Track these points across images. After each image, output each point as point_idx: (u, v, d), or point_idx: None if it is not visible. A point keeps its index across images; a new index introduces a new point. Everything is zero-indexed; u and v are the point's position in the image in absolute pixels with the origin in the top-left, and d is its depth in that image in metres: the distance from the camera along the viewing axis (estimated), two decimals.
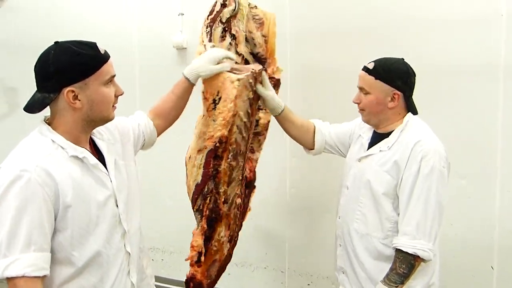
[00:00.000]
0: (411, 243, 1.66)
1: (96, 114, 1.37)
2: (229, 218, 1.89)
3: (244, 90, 1.72)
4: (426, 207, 1.66)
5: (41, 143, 1.32)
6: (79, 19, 3.36)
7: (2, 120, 3.81)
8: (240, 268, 3.01)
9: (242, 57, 2.03)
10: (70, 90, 1.31)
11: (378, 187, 1.76)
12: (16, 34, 3.69)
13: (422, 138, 1.72)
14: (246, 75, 1.72)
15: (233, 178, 1.83)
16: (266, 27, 2.06)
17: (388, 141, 1.79)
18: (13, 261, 1.21)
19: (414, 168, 1.68)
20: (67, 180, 1.30)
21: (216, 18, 1.94)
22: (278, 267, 2.92)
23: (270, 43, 2.08)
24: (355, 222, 1.83)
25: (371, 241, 1.79)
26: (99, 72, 1.34)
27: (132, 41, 3.20)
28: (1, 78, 3.77)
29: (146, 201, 3.26)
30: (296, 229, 2.81)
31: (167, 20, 3.03)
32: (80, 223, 1.32)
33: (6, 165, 1.28)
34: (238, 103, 1.72)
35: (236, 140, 1.78)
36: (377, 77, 1.76)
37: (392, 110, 1.79)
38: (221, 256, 1.95)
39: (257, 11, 2.07)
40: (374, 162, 1.80)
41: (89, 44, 1.36)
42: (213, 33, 1.92)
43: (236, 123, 1.74)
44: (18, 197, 1.22)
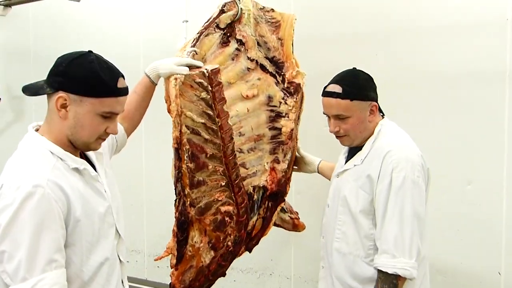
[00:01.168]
0: (391, 262, 1.57)
1: (78, 136, 1.31)
2: (203, 223, 1.82)
3: (188, 90, 1.67)
4: (402, 221, 1.57)
5: (41, 155, 1.28)
6: (85, 26, 3.40)
7: (8, 128, 3.84)
8: (246, 274, 3.00)
9: (256, 63, 1.99)
10: (62, 97, 1.27)
11: (355, 204, 1.69)
12: (23, 42, 3.73)
13: (392, 148, 1.64)
14: (189, 74, 1.66)
15: (198, 181, 1.75)
16: (283, 29, 2.01)
17: (362, 153, 1.72)
18: (36, 283, 1.16)
19: (386, 180, 1.60)
20: (76, 194, 1.27)
21: (211, 24, 1.89)
22: (284, 273, 2.90)
23: (286, 46, 2.02)
24: (335, 241, 1.75)
25: (354, 261, 1.70)
26: (100, 100, 1.28)
27: (137, 47, 3.21)
28: (7, 86, 3.80)
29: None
30: (302, 236, 2.79)
31: (172, 27, 3.04)
32: (87, 236, 1.30)
33: (11, 182, 1.21)
34: (183, 103, 1.66)
35: (191, 141, 1.71)
36: (353, 98, 1.68)
37: (372, 122, 1.74)
38: (198, 262, 1.87)
39: (274, 14, 2.03)
40: (350, 177, 1.73)
41: (114, 71, 1.33)
42: (203, 39, 1.87)
43: (184, 123, 1.68)
44: (34, 215, 1.17)
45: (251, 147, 1.99)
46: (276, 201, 2.09)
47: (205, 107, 1.71)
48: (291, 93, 2.04)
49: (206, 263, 1.87)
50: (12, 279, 1.17)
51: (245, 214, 1.92)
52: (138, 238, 3.31)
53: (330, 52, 2.58)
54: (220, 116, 1.75)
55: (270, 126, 2.03)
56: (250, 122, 1.98)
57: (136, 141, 3.22)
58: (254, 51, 1.98)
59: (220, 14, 1.91)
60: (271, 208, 2.08)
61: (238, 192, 1.87)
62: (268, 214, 2.07)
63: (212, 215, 1.82)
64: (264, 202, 2.05)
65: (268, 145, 2.04)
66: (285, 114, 2.03)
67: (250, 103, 1.97)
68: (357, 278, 1.70)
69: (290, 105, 2.03)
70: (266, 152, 2.04)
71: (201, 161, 1.74)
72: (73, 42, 3.32)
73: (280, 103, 2.03)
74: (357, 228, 1.69)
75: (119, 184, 2.40)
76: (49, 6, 3.53)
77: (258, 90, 1.99)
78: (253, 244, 2.11)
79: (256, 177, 2.02)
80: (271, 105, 2.02)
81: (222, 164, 1.79)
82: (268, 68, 2.02)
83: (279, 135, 2.04)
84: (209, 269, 1.90)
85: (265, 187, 2.03)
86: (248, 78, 1.98)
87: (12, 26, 3.78)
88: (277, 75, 2.04)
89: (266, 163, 2.03)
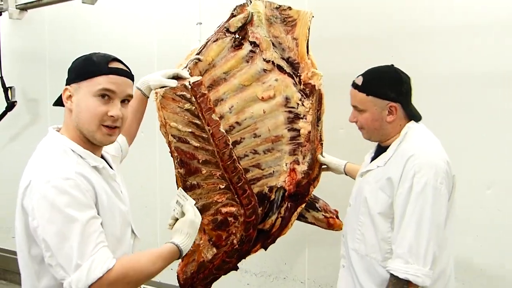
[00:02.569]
0: (403, 268, 1.54)
1: (81, 123, 1.32)
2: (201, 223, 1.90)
3: (170, 102, 1.77)
4: (419, 228, 1.54)
5: (63, 152, 1.30)
6: (100, 30, 3.42)
7: (25, 130, 3.88)
8: (259, 278, 2.98)
9: (273, 64, 1.98)
10: (67, 89, 1.34)
11: (374, 206, 1.66)
12: (38, 45, 3.77)
13: (416, 152, 1.59)
14: (168, 88, 1.76)
15: (192, 185, 1.86)
16: (297, 29, 2.00)
17: (385, 155, 1.69)
18: (90, 266, 1.17)
19: (406, 185, 1.56)
20: (100, 188, 1.30)
21: (220, 30, 1.92)
22: (298, 277, 2.88)
23: (300, 46, 1.99)
24: (355, 242, 1.74)
25: (371, 263, 1.68)
26: (92, 80, 1.31)
27: (151, 50, 3.23)
28: (23, 89, 3.84)
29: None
30: (316, 239, 2.77)
31: (186, 29, 3.05)
32: (111, 229, 1.32)
33: (39, 178, 1.22)
34: (166, 115, 1.78)
35: (179, 149, 1.82)
36: (369, 93, 1.65)
37: (391, 123, 1.68)
38: (199, 257, 1.99)
39: (291, 13, 2.00)
40: (371, 178, 1.71)
41: (107, 55, 1.37)
42: (210, 45, 1.91)
43: (170, 133, 1.80)
44: (71, 204, 1.19)
45: (267, 148, 1.99)
46: (296, 202, 2.07)
47: (191, 117, 1.80)
48: (307, 95, 2.01)
49: (208, 259, 1.97)
50: (66, 270, 1.18)
51: (253, 214, 1.93)
52: (152, 241, 3.31)
53: (343, 54, 2.56)
54: (210, 125, 1.82)
55: (288, 127, 2.02)
56: (267, 123, 1.98)
57: (150, 144, 3.24)
58: (270, 52, 1.97)
59: (230, 18, 1.93)
60: (290, 208, 2.07)
61: (243, 194, 1.90)
62: (287, 214, 2.07)
63: (211, 216, 1.91)
64: (285, 202, 2.06)
65: (287, 146, 2.03)
66: (302, 116, 2.01)
67: (267, 104, 1.97)
68: (374, 280, 1.68)
69: (307, 106, 2.01)
70: (286, 153, 2.03)
71: (192, 166, 1.85)
72: (88, 45, 3.34)
73: (298, 105, 2.01)
74: (375, 231, 1.67)
75: (134, 186, 2.42)
76: (65, 10, 3.57)
77: (275, 91, 1.98)
78: (269, 242, 2.12)
79: (273, 178, 2.02)
80: (289, 106, 2.01)
81: (219, 168, 1.86)
82: (285, 68, 2.00)
83: (298, 137, 2.02)
84: (212, 264, 1.99)
85: (284, 187, 2.02)
86: (264, 79, 1.97)
87: (28, 30, 3.83)
88: (294, 76, 2.02)
89: (285, 164, 2.02)
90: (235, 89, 1.95)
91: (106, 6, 3.34)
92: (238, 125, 1.95)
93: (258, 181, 1.99)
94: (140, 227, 1.54)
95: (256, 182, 1.98)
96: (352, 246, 1.75)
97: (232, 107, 1.94)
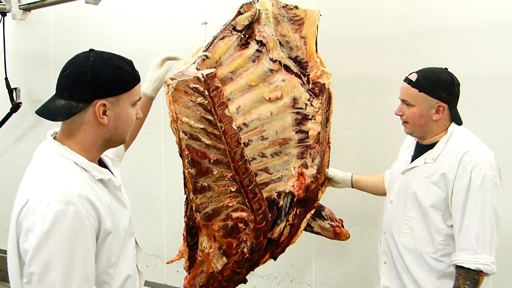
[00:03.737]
0: (472, 259, 1.61)
1: (118, 134, 1.30)
2: (210, 229, 1.81)
3: (182, 95, 1.65)
4: (482, 219, 1.62)
5: (66, 167, 1.22)
6: (105, 29, 3.41)
7: (29, 132, 3.87)
8: (266, 280, 2.95)
9: (279, 63, 1.94)
10: (102, 104, 1.23)
11: (425, 199, 1.72)
12: (43, 46, 3.76)
13: (470, 148, 1.67)
14: (179, 80, 1.64)
15: (203, 187, 1.74)
16: (306, 27, 1.96)
17: (433, 152, 1.75)
18: None
19: (465, 180, 1.64)
20: (104, 206, 1.23)
21: (227, 27, 1.87)
22: (305, 280, 2.85)
23: (309, 45, 1.96)
24: (402, 237, 1.79)
25: (421, 256, 1.74)
26: (132, 91, 1.28)
27: (156, 50, 3.20)
28: (28, 91, 3.83)
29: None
30: (323, 242, 2.74)
31: (191, 29, 3.02)
32: (115, 249, 1.26)
33: (39, 198, 1.14)
34: (178, 109, 1.66)
35: (190, 147, 1.70)
36: (421, 90, 1.72)
37: (437, 122, 1.75)
38: (209, 268, 1.87)
39: (298, 11, 1.97)
40: (420, 174, 1.76)
41: (126, 60, 1.31)
42: (217, 43, 1.86)
43: (181, 129, 1.69)
44: (67, 235, 1.12)
45: (275, 151, 1.94)
46: (305, 208, 2.03)
47: (203, 112, 1.70)
48: (316, 94, 1.97)
49: (218, 269, 1.87)
50: None
51: (263, 220, 1.88)
52: (158, 242, 3.29)
53: (351, 55, 2.53)
54: (222, 121, 1.73)
55: (296, 129, 1.98)
56: (274, 125, 1.93)
57: (156, 145, 3.22)
58: (277, 52, 1.93)
59: (237, 16, 1.88)
60: (299, 215, 2.03)
61: (254, 198, 1.84)
62: (297, 221, 2.02)
63: (221, 221, 1.81)
64: (293, 208, 2.01)
65: (295, 149, 1.98)
66: (311, 117, 1.97)
67: (274, 105, 1.93)
68: (424, 273, 1.73)
69: (316, 106, 1.97)
70: (293, 156, 1.98)
71: (203, 166, 1.73)
72: (93, 45, 3.29)
73: (306, 105, 1.97)
74: (427, 223, 1.72)
75: (139, 187, 2.37)
76: (68, 10, 3.55)
77: (282, 92, 1.94)
78: (279, 251, 2.07)
79: (282, 182, 1.97)
80: (297, 107, 1.97)
81: (230, 169, 1.77)
82: (292, 68, 1.96)
83: (306, 139, 1.99)
84: (222, 275, 1.89)
85: (292, 193, 1.98)
86: (271, 80, 1.93)
87: (32, 30, 3.82)
88: (302, 75, 1.98)
89: (293, 168, 1.98)
90: (242, 89, 1.90)
91: (111, 5, 3.31)
92: (245, 127, 1.89)
93: (266, 185, 1.93)
94: (146, 229, 1.51)
95: (264, 187, 1.92)
96: (399, 241, 1.80)
97: (239, 108, 1.88)
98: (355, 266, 2.62)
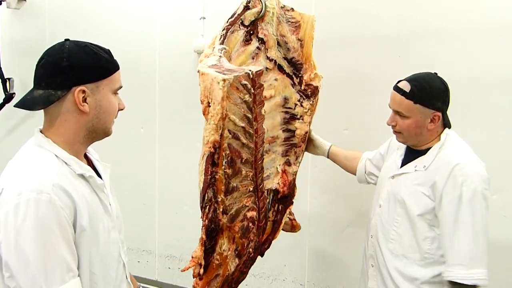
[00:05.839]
0: (468, 274, 1.60)
1: (101, 123, 1.27)
2: (232, 231, 1.77)
3: (234, 92, 1.59)
4: (474, 233, 1.61)
5: (45, 158, 1.19)
6: (101, 22, 3.36)
7: (22, 124, 3.82)
8: (258, 279, 2.93)
9: (274, 63, 1.95)
10: (81, 90, 1.21)
11: (414, 208, 1.71)
12: (38, 36, 3.71)
13: (461, 161, 1.65)
14: (235, 75, 1.57)
15: (232, 187, 1.70)
16: (303, 30, 1.97)
17: (425, 160, 1.73)
18: None
19: (456, 193, 1.62)
20: (82, 200, 1.19)
21: (236, 21, 1.85)
22: (297, 279, 2.83)
23: (306, 47, 1.97)
24: (389, 242, 1.78)
25: (407, 263, 1.73)
26: (111, 77, 1.27)
27: (153, 45, 3.17)
28: (21, 81, 3.78)
29: (166, 208, 3.24)
30: (316, 241, 2.73)
31: (189, 24, 2.99)
32: (91, 248, 1.21)
33: (12, 187, 1.12)
34: (228, 106, 1.59)
35: (231, 146, 1.64)
36: (417, 101, 1.68)
37: (431, 131, 1.73)
38: (225, 271, 1.82)
39: (294, 14, 1.98)
40: (410, 181, 1.74)
41: (104, 48, 1.29)
42: (230, 36, 1.82)
43: (227, 127, 1.61)
44: (42, 223, 1.08)
45: (266, 149, 1.95)
46: (285, 204, 2.06)
47: (246, 110, 1.66)
48: (308, 96, 2.00)
49: (231, 271, 1.84)
50: None
51: (264, 219, 1.89)
52: (150, 238, 3.27)
53: (347, 56, 2.51)
54: (257, 120, 1.71)
55: (283, 128, 2.00)
56: (266, 123, 1.90)
57: (150, 141, 3.19)
58: (274, 51, 1.94)
59: (245, 11, 1.86)
60: (281, 211, 2.05)
61: (261, 196, 1.83)
62: (279, 217, 2.04)
63: (240, 222, 1.78)
64: (274, 205, 2.02)
65: (280, 147, 2.01)
66: (299, 117, 1.99)
67: (267, 104, 1.92)
68: (408, 279, 1.73)
69: (306, 107, 2.00)
70: (279, 154, 2.01)
71: (237, 166, 1.69)
72: (89, 37, 3.26)
73: (296, 105, 2.00)
74: (414, 231, 1.71)
75: (132, 183, 2.33)
76: (64, 1, 3.51)
77: (275, 91, 1.95)
78: (265, 248, 2.07)
79: (270, 180, 1.99)
80: (287, 107, 1.99)
81: (252, 169, 1.75)
82: (285, 68, 1.98)
83: (292, 137, 2.00)
84: (232, 277, 1.86)
85: (277, 190, 2.00)
86: (266, 78, 1.93)
87: (27, 20, 3.76)
88: (294, 76, 2.00)
89: (278, 165, 2.01)
90: None
91: None
92: None
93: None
94: (138, 225, 1.47)
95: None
96: (386, 246, 1.78)
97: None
98: (348, 266, 2.61)
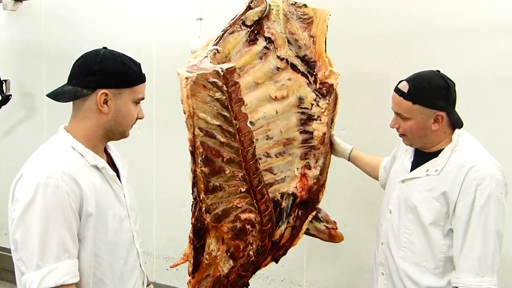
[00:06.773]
0: (476, 282, 1.55)
1: (117, 126, 1.40)
2: (219, 231, 1.75)
3: (200, 89, 1.56)
4: (485, 240, 1.55)
5: (61, 149, 1.33)
6: (98, 23, 3.36)
7: (20, 125, 3.81)
8: (256, 280, 2.92)
9: (287, 62, 1.89)
10: (104, 93, 1.34)
11: (426, 215, 1.64)
12: (34, 38, 3.70)
13: (476, 163, 1.57)
14: (199, 73, 1.55)
15: (214, 186, 1.66)
16: (315, 26, 1.91)
17: (437, 163, 1.65)
18: (50, 271, 1.21)
19: (469, 198, 1.55)
20: (90, 188, 1.31)
21: (236, 22, 1.82)
22: (296, 280, 2.83)
23: (318, 44, 1.91)
24: (401, 250, 1.71)
25: (420, 271, 1.66)
26: (135, 88, 1.40)
27: (150, 45, 3.17)
28: (18, 83, 3.77)
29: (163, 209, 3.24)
30: (315, 242, 2.72)
31: (186, 25, 2.99)
32: (98, 233, 1.32)
33: (29, 172, 1.27)
34: (195, 104, 1.57)
35: (205, 144, 1.61)
36: (415, 102, 1.61)
37: (436, 131, 1.64)
38: (215, 271, 1.80)
39: (307, 10, 1.94)
40: (421, 187, 1.66)
41: (135, 61, 1.43)
42: (227, 37, 1.79)
43: (197, 125, 1.59)
44: (47, 205, 1.21)
45: (279, 152, 1.90)
46: (306, 210, 1.99)
47: (220, 108, 1.62)
48: (323, 94, 1.93)
49: (224, 273, 1.81)
50: (27, 267, 1.22)
51: (269, 222, 1.84)
52: (148, 240, 3.26)
53: (347, 54, 2.50)
54: (237, 118, 1.66)
55: (301, 129, 1.94)
56: (279, 125, 1.89)
57: (147, 142, 3.18)
58: (284, 50, 1.89)
59: (247, 11, 1.83)
60: (301, 216, 1.99)
61: (261, 199, 1.78)
62: (298, 223, 1.98)
63: (230, 223, 1.74)
64: (294, 210, 1.96)
65: (298, 149, 1.94)
66: (317, 117, 1.93)
67: (279, 104, 1.89)
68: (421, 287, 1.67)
69: (323, 107, 1.93)
70: (297, 157, 1.95)
71: (217, 165, 1.66)
72: (86, 39, 3.27)
73: (312, 105, 1.93)
74: (428, 239, 1.65)
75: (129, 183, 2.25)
76: (61, 1, 3.50)
77: (288, 91, 1.90)
78: (280, 254, 2.03)
79: (285, 183, 1.93)
80: (302, 107, 1.93)
81: (241, 169, 1.71)
82: (299, 67, 1.92)
83: (310, 139, 1.94)
84: (228, 279, 1.83)
85: (295, 194, 1.94)
86: (277, 78, 1.89)
87: (24, 22, 3.75)
88: (309, 75, 1.94)
89: (296, 168, 1.94)
90: (249, 86, 1.85)
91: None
92: (252, 125, 1.82)
93: (270, 186, 1.88)
94: None
95: (268, 187, 1.87)
96: (398, 254, 1.72)
97: (246, 105, 1.82)
98: (346, 267, 2.61)
